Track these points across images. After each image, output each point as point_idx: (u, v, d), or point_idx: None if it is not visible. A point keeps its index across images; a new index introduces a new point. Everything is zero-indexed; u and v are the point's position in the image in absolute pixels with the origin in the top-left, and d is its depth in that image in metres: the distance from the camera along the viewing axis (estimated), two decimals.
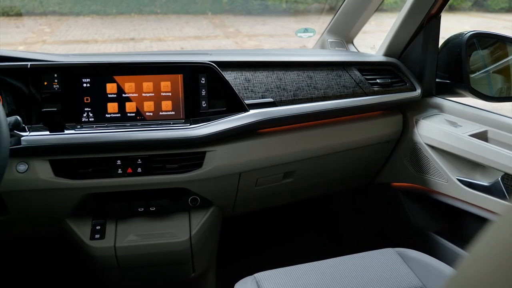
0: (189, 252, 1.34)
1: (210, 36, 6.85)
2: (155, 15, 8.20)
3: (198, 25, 7.65)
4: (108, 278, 1.39)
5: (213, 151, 1.25)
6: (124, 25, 7.76)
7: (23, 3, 8.53)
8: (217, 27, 7.53)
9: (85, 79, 1.21)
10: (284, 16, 7.73)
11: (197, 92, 1.25)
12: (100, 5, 8.44)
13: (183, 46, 6.16)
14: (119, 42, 6.64)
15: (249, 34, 6.90)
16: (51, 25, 8.02)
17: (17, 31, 7.81)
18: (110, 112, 1.22)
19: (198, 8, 8.25)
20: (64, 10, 8.48)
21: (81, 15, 8.38)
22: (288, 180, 1.44)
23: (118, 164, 1.21)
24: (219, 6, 8.42)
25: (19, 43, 6.91)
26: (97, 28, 7.68)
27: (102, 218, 1.31)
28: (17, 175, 1.16)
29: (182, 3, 8.33)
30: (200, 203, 1.33)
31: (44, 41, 6.96)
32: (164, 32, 7.15)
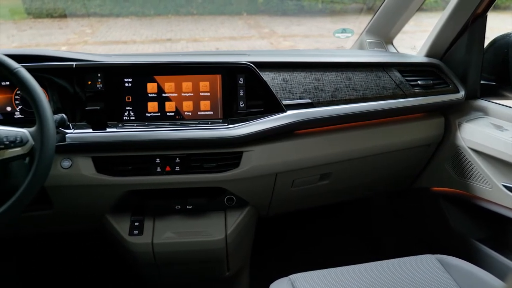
0: (224, 251, 1.35)
1: (245, 37, 6.87)
2: (191, 16, 8.32)
3: (233, 25, 7.70)
4: (145, 273, 1.42)
5: (250, 151, 1.25)
6: (162, 26, 7.92)
7: (66, 5, 8.85)
8: (252, 27, 7.55)
9: (127, 79, 1.24)
10: (320, 17, 7.65)
11: (235, 92, 1.26)
12: (138, 7, 8.65)
13: (218, 46, 6.22)
14: (157, 43, 6.78)
15: (284, 35, 6.88)
16: (92, 26, 8.28)
17: (60, 32, 8.11)
18: (150, 111, 1.24)
19: (234, 9, 8.30)
20: (105, 11, 8.74)
21: (121, 17, 8.61)
22: (325, 182, 1.42)
23: (157, 162, 1.23)
24: (254, 7, 8.44)
25: (62, 43, 7.17)
26: (135, 29, 7.87)
27: (140, 215, 1.34)
28: (61, 171, 1.20)
29: (218, 4, 8.40)
30: (236, 203, 1.34)
31: (86, 42, 7.19)
32: (200, 33, 7.24)
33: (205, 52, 1.57)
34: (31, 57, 1.23)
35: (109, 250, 1.48)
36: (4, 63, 0.98)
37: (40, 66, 1.21)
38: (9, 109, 1.26)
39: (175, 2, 8.48)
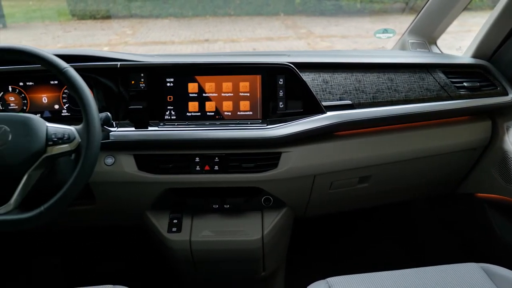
0: (261, 251, 1.35)
1: (282, 37, 6.86)
2: (228, 17, 8.39)
3: (270, 26, 7.71)
4: (183, 270, 1.44)
5: (289, 152, 1.25)
6: (199, 27, 8.02)
7: (109, 7, 9.13)
8: (289, 28, 7.53)
9: (169, 79, 1.26)
10: (358, 17, 7.54)
11: (274, 93, 1.26)
12: (177, 8, 8.81)
13: (255, 47, 6.24)
14: (194, 43, 6.87)
15: (322, 35, 6.82)
16: (132, 27, 8.50)
17: (102, 33, 8.38)
18: (191, 110, 1.26)
19: (271, 10, 8.31)
20: (145, 13, 8.96)
21: (160, 18, 8.80)
22: (364, 185, 1.40)
23: (196, 161, 1.25)
24: (291, 7, 8.41)
25: (104, 44, 7.39)
26: (174, 30, 8.02)
27: (179, 213, 1.36)
28: (105, 167, 1.24)
29: (255, 4, 8.43)
30: (273, 203, 1.34)
31: (126, 43, 7.38)
32: (237, 34, 7.29)
33: (244, 52, 1.57)
34: (78, 57, 1.27)
35: (148, 245, 1.52)
36: (54, 63, 1.02)
37: (86, 66, 1.25)
38: (57, 107, 1.31)
39: (213, 3, 8.59)
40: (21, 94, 1.30)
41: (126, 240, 1.84)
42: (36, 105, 1.30)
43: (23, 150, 0.98)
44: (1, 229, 0.96)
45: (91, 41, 7.84)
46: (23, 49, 1.02)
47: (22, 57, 1.02)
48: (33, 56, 1.02)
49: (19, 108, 1.30)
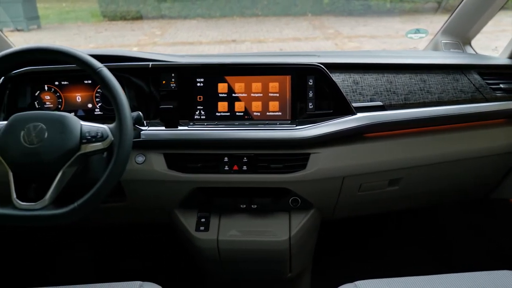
0: (288, 252, 1.34)
1: (309, 38, 6.82)
2: (256, 18, 8.40)
3: (297, 26, 7.68)
4: (210, 269, 1.45)
5: (318, 153, 1.24)
6: (227, 27, 8.07)
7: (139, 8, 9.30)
8: (317, 28, 7.49)
9: (199, 79, 1.27)
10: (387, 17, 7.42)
11: (304, 94, 1.25)
12: (205, 9, 8.89)
13: (282, 47, 6.23)
14: (222, 44, 6.92)
15: (350, 36, 6.74)
16: (161, 28, 8.64)
17: (132, 34, 8.54)
18: (220, 110, 1.27)
19: (298, 10, 8.28)
20: (173, 13, 9.08)
21: (188, 18, 8.90)
22: (394, 188, 1.37)
23: (225, 161, 1.25)
24: (319, 7, 8.36)
25: (134, 44, 7.53)
26: (201, 30, 8.09)
27: (207, 212, 1.37)
28: (135, 165, 1.26)
29: (282, 5, 8.42)
30: (300, 204, 1.33)
31: (155, 43, 7.50)
32: (264, 34, 7.29)
33: (274, 53, 1.57)
34: (111, 57, 1.30)
35: (176, 244, 1.53)
36: (89, 63, 1.04)
37: (119, 66, 1.28)
38: (90, 106, 1.34)
39: (240, 4, 8.62)
40: (56, 93, 1.33)
41: (154, 237, 1.87)
42: (70, 104, 1.34)
43: (58, 147, 1.00)
44: (37, 223, 0.99)
45: (121, 41, 8.01)
46: (59, 49, 1.04)
47: (58, 57, 1.05)
48: (69, 56, 1.04)
49: (54, 106, 1.34)
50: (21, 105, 1.34)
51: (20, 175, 1.02)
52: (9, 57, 1.05)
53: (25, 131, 1.01)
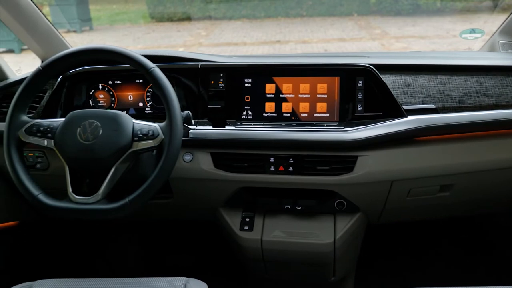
0: (332, 256, 1.32)
1: (355, 38, 6.71)
2: (300, 18, 8.37)
3: (343, 27, 7.57)
4: (253, 268, 1.46)
5: (366, 156, 1.21)
6: (271, 28, 8.08)
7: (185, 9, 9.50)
8: (363, 28, 7.35)
9: (247, 79, 1.28)
10: (437, 16, 7.17)
11: (353, 95, 1.23)
12: (250, 10, 8.96)
13: (326, 48, 6.16)
14: (266, 44, 6.93)
15: (397, 36, 6.57)
16: (206, 29, 8.78)
17: (178, 35, 8.74)
18: (267, 111, 1.27)
19: (344, 10, 8.16)
20: (218, 15, 9.21)
21: (233, 19, 9.00)
22: (445, 194, 1.32)
23: (271, 161, 1.25)
24: (366, 7, 8.21)
25: (180, 45, 7.70)
26: (246, 31, 8.15)
27: (251, 211, 1.37)
28: (183, 164, 1.28)
29: (328, 5, 8.34)
30: (346, 208, 1.31)
31: (200, 44, 7.63)
32: (308, 35, 7.24)
33: (322, 54, 1.56)
34: (162, 57, 1.33)
35: (220, 241, 1.55)
36: (142, 63, 1.08)
37: (170, 66, 1.31)
38: (141, 105, 1.38)
39: (285, 5, 8.61)
40: (110, 92, 1.39)
41: (199, 234, 1.90)
42: (123, 102, 1.39)
43: (112, 144, 1.04)
44: (90, 217, 1.03)
45: (167, 42, 8.21)
46: (115, 50, 1.08)
47: (114, 57, 1.09)
48: (124, 56, 1.08)
49: (107, 105, 1.39)
50: (76, 103, 1.40)
51: (76, 170, 1.07)
52: (68, 57, 1.10)
53: (81, 128, 1.05)
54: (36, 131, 1.08)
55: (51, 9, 7.56)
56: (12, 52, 6.04)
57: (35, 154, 1.36)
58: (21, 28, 1.36)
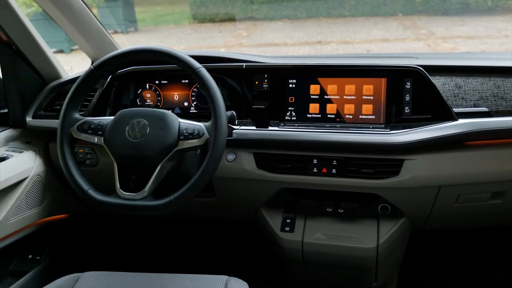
0: (374, 260, 1.30)
1: (399, 39, 6.55)
2: (342, 18, 8.26)
3: (386, 27, 7.41)
4: (293, 269, 1.45)
5: (413, 160, 1.18)
6: (312, 29, 8.03)
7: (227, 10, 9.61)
8: (408, 28, 7.16)
9: (292, 80, 1.28)
10: (487, 16, 6.87)
11: (400, 97, 1.20)
12: (291, 10, 8.95)
13: (369, 49, 6.05)
14: (307, 45, 6.90)
15: (444, 36, 6.35)
16: (248, 30, 8.84)
17: (220, 36, 8.86)
18: (311, 112, 1.26)
19: (388, 10, 7.99)
20: (260, 15, 9.26)
21: (274, 20, 9.01)
22: (496, 201, 1.26)
23: (314, 163, 1.24)
24: (411, 7, 7.99)
25: (221, 46, 7.80)
26: (287, 32, 8.14)
27: (292, 213, 1.37)
28: (226, 163, 1.29)
29: (371, 5, 8.18)
30: (390, 212, 1.28)
31: (241, 44, 7.69)
32: (350, 35, 7.14)
33: (368, 54, 1.53)
34: (207, 58, 1.35)
35: (260, 241, 1.55)
36: (189, 63, 1.09)
37: (215, 66, 1.32)
38: (186, 104, 1.41)
39: (327, 5, 8.54)
40: (156, 91, 1.42)
41: (239, 234, 1.91)
42: (168, 101, 1.42)
43: (158, 142, 1.06)
44: (136, 213, 1.06)
45: (209, 43, 8.34)
46: (163, 50, 1.11)
47: (161, 57, 1.11)
48: (171, 56, 1.10)
49: (153, 104, 1.43)
50: (124, 101, 1.44)
51: (123, 167, 1.10)
52: (119, 57, 1.14)
53: (130, 126, 1.08)
54: (87, 128, 1.12)
55: (99, 10, 7.86)
56: (62, 52, 6.33)
57: (85, 150, 1.42)
58: (73, 29, 1.42)
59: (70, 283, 1.09)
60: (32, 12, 4.85)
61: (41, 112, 1.45)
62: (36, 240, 1.51)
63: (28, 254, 1.51)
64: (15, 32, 1.34)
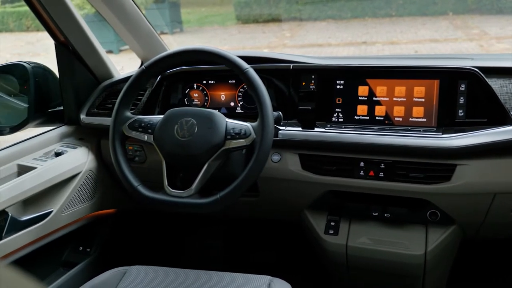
0: (422, 268, 1.25)
1: (449, 39, 6.31)
2: (389, 18, 8.06)
3: (435, 26, 7.16)
4: (336, 273, 1.43)
5: (466, 165, 1.13)
6: (357, 29, 7.90)
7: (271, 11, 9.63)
8: (458, 28, 6.89)
9: (339, 81, 1.26)
10: None
11: (454, 100, 1.15)
12: (336, 10, 8.83)
13: (417, 49, 5.86)
14: (351, 45, 6.79)
15: (498, 36, 6.05)
16: (291, 30, 8.82)
17: (263, 36, 8.89)
18: (359, 114, 1.24)
19: (438, 9, 7.71)
20: (304, 16, 9.21)
21: (318, 20, 8.94)
22: None
23: (361, 166, 1.22)
24: (462, 6, 7.67)
25: (264, 46, 7.82)
26: (331, 32, 8.05)
27: (337, 215, 1.35)
28: (271, 164, 1.29)
29: (420, 4, 7.93)
30: (440, 219, 1.23)
31: (285, 45, 7.68)
32: (397, 35, 6.95)
33: (418, 55, 1.48)
34: (254, 58, 1.36)
35: (303, 243, 1.54)
36: (237, 63, 1.10)
37: (262, 67, 1.32)
38: (232, 104, 1.42)
39: (373, 4, 8.37)
40: (204, 91, 1.44)
41: (282, 234, 1.91)
42: (215, 101, 1.43)
43: (206, 141, 1.08)
44: (183, 210, 1.08)
45: (252, 43, 8.39)
46: (212, 51, 1.12)
47: (210, 57, 1.13)
48: (220, 57, 1.11)
49: (200, 103, 1.45)
50: (173, 101, 1.47)
51: (171, 164, 1.12)
52: (169, 58, 1.16)
53: (178, 125, 1.11)
54: (138, 126, 1.15)
55: (147, 12, 8.11)
56: (111, 52, 6.58)
57: (134, 147, 1.46)
58: (125, 30, 1.47)
59: (118, 275, 1.13)
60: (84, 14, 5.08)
61: (94, 110, 1.51)
62: (86, 233, 1.57)
63: (79, 246, 1.58)
64: (72, 33, 1.40)
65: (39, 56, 7.79)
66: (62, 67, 1.47)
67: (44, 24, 1.40)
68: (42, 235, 1.32)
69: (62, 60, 1.46)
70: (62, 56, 1.45)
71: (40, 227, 1.29)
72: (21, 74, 1.41)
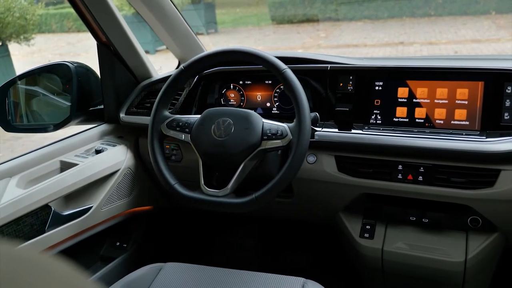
0: (462, 276, 1.21)
1: (491, 39, 6.07)
2: (427, 18, 7.85)
3: (477, 26, 6.92)
4: (371, 277, 1.41)
5: (511, 171, 1.08)
6: (394, 29, 7.73)
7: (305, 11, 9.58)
8: (502, 28, 6.62)
9: (378, 82, 1.23)
10: None
11: (499, 102, 1.11)
12: (372, 10, 8.68)
13: (457, 50, 5.68)
14: (388, 46, 6.65)
15: None
16: (326, 30, 8.73)
17: (297, 37, 8.85)
18: (398, 116, 1.21)
19: (480, 8, 7.44)
20: (339, 16, 9.10)
21: (354, 20, 8.81)
22: None
23: (399, 169, 1.19)
24: (506, 4, 7.37)
25: (298, 47, 7.79)
26: (367, 32, 7.92)
27: (372, 219, 1.32)
28: (307, 165, 1.29)
29: (460, 3, 7.68)
30: (481, 225, 1.19)
31: (319, 45, 7.62)
32: (436, 35, 6.76)
33: (464, 56, 1.44)
34: (291, 59, 1.35)
35: (338, 246, 1.52)
36: (275, 64, 1.10)
37: (299, 68, 1.32)
38: (268, 105, 1.42)
39: (411, 4, 8.17)
40: (240, 91, 1.45)
41: (314, 236, 1.89)
42: (251, 102, 1.44)
43: (242, 141, 1.08)
44: (219, 209, 1.09)
45: (287, 44, 8.37)
46: (249, 51, 1.13)
47: (248, 58, 1.13)
48: (258, 57, 1.12)
49: (237, 103, 1.46)
50: (209, 101, 1.49)
51: (207, 164, 1.13)
52: (207, 58, 1.17)
53: (215, 125, 1.12)
54: (175, 125, 1.17)
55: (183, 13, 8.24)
56: (148, 53, 6.73)
57: (171, 146, 1.49)
58: (164, 30, 1.49)
59: (154, 271, 1.15)
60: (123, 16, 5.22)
61: (133, 109, 1.54)
62: (123, 229, 1.61)
63: (116, 242, 1.62)
64: (113, 33, 1.43)
65: (80, 56, 8.06)
66: (103, 67, 1.51)
67: (87, 25, 1.45)
68: (82, 229, 1.36)
69: (103, 60, 1.50)
70: (104, 56, 1.49)
71: (80, 221, 1.34)
72: (64, 74, 1.46)
